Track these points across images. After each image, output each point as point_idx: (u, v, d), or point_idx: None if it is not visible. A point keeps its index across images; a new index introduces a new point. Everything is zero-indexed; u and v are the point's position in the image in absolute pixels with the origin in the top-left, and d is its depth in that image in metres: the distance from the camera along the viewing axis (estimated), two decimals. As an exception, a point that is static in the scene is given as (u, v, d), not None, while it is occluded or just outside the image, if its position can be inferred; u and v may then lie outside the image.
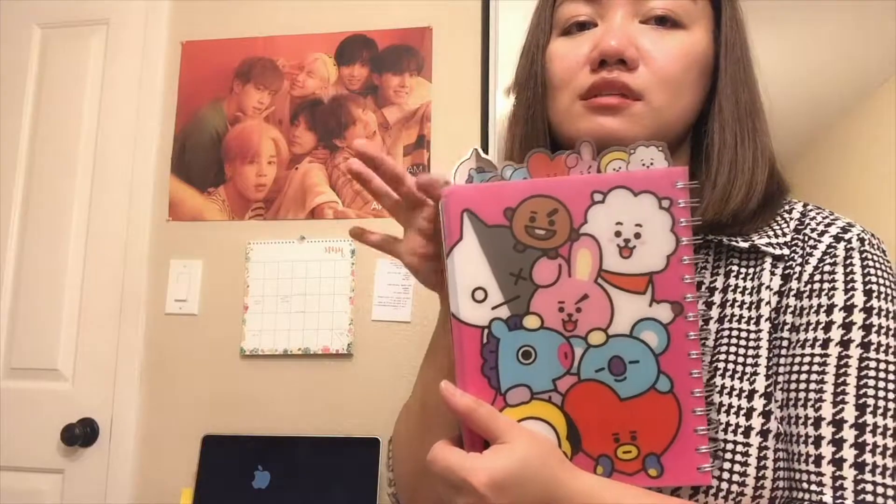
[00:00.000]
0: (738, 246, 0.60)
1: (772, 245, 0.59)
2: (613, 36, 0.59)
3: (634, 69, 0.59)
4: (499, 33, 1.62)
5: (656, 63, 0.59)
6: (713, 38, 0.63)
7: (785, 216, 0.62)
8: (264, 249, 1.61)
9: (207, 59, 1.72)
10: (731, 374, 0.56)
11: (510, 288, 0.52)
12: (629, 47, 0.59)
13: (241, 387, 1.56)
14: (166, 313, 1.62)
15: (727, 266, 0.60)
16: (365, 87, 1.65)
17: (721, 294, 0.59)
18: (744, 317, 0.58)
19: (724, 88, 0.62)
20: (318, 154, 1.64)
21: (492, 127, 1.59)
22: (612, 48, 0.58)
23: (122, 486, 1.55)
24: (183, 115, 1.71)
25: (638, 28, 0.60)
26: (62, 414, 1.57)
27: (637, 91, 0.59)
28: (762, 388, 0.55)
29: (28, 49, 1.76)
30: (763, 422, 0.54)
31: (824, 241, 0.58)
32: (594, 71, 0.60)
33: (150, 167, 1.68)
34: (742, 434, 0.54)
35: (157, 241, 1.66)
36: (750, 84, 0.64)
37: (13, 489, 1.57)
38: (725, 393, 0.55)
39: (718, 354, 0.57)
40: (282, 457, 1.49)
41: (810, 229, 0.60)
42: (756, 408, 0.54)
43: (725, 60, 0.62)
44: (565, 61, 0.62)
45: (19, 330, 1.65)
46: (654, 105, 0.59)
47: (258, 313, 1.58)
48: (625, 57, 0.58)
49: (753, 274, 0.59)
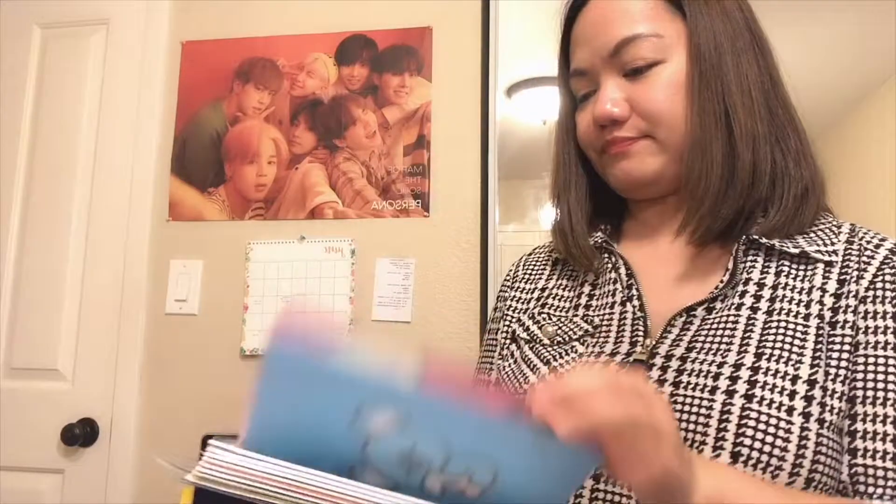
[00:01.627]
0: (788, 251, 0.65)
1: (820, 252, 0.65)
2: (600, 103, 0.68)
3: (626, 121, 0.68)
4: (499, 33, 1.62)
5: (644, 109, 0.67)
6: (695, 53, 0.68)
7: (834, 230, 0.67)
8: (264, 249, 1.61)
9: (207, 59, 1.72)
10: (777, 359, 0.59)
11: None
12: (615, 107, 0.68)
13: (241, 387, 1.56)
14: (166, 313, 1.62)
15: (778, 267, 0.65)
16: (365, 87, 1.65)
17: (771, 290, 0.64)
18: (792, 311, 0.62)
19: (702, 104, 0.66)
20: (318, 154, 1.64)
21: (492, 127, 1.59)
22: (601, 114, 0.68)
23: (122, 486, 1.55)
24: (183, 115, 1.71)
25: (623, 83, 0.68)
26: (62, 414, 1.57)
27: (638, 135, 0.68)
28: (805, 376, 0.58)
29: (28, 49, 1.76)
30: (805, 405, 0.57)
31: (881, 253, 0.64)
32: (600, 132, 0.70)
33: (150, 167, 1.68)
34: (785, 412, 0.56)
35: (157, 241, 1.66)
36: (724, 89, 0.66)
37: (13, 489, 1.57)
38: (770, 374, 0.58)
39: (765, 341, 0.61)
40: (282, 457, 1.49)
41: (866, 241, 0.65)
42: (798, 391, 0.57)
43: (698, 76, 0.66)
44: (582, 129, 0.73)
45: (19, 330, 1.65)
46: (658, 139, 0.68)
47: (258, 313, 1.58)
48: (614, 117, 0.68)
49: (804, 277, 0.64)
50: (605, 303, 0.70)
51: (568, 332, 0.70)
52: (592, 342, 0.68)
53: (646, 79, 0.67)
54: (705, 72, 0.66)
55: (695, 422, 0.58)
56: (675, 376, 0.61)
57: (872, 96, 3.27)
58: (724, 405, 0.57)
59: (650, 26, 0.67)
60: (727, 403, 0.57)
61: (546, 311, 0.74)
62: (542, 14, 0.84)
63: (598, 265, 0.72)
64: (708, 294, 0.64)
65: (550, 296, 0.76)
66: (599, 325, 0.69)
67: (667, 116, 0.67)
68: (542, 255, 0.82)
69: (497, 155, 1.59)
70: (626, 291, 0.69)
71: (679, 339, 0.63)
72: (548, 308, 0.75)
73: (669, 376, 0.61)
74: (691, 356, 0.62)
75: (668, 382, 0.61)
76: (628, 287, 0.69)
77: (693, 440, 0.57)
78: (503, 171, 1.67)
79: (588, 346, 0.68)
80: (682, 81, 0.67)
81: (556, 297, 0.76)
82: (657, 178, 0.69)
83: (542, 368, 0.69)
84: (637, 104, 0.68)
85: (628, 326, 0.67)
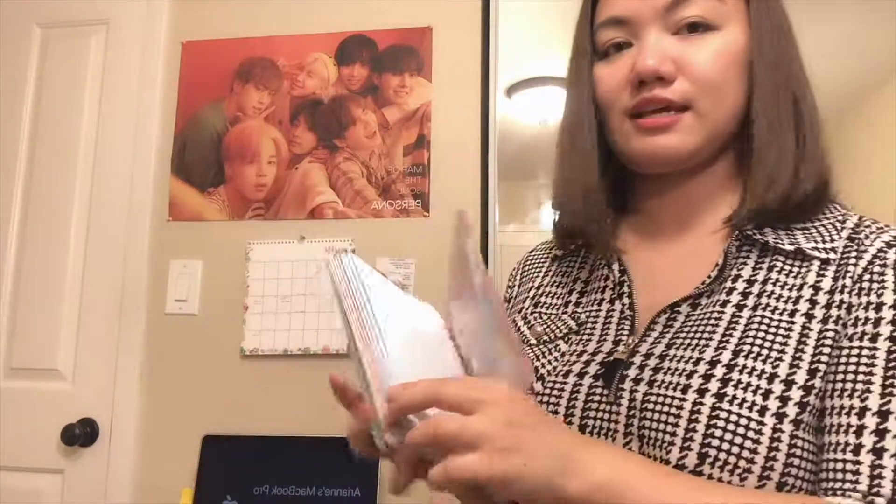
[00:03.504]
0: (783, 248, 0.62)
1: (818, 249, 0.61)
2: (648, 55, 0.61)
3: (672, 82, 0.61)
4: (499, 33, 1.62)
5: (694, 71, 0.61)
6: (749, 32, 0.64)
7: (837, 225, 0.63)
8: (264, 249, 1.61)
9: (207, 59, 1.72)
10: (755, 357, 0.56)
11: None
12: (663, 63, 0.61)
13: (241, 387, 1.56)
14: (166, 313, 1.62)
15: (771, 262, 0.62)
16: (365, 87, 1.65)
17: (760, 285, 0.61)
18: (778, 308, 0.59)
19: (761, 83, 0.63)
20: (318, 154, 1.64)
21: (492, 127, 1.59)
22: (647, 68, 0.61)
23: (122, 486, 1.55)
24: (183, 115, 1.71)
25: (671, 41, 0.62)
26: (62, 414, 1.57)
27: (680, 103, 0.61)
28: (784, 375, 0.55)
29: (28, 49, 1.76)
30: (780, 405, 0.54)
31: (875, 246, 0.60)
32: (635, 90, 0.63)
33: (150, 167, 1.68)
34: (757, 412, 0.54)
35: (157, 241, 1.66)
36: (790, 73, 0.64)
37: (13, 489, 1.57)
38: (746, 372, 0.56)
39: (745, 338, 0.58)
40: (282, 457, 1.49)
41: (864, 236, 0.61)
42: (774, 391, 0.55)
43: (759, 55, 0.63)
44: (607, 84, 0.65)
45: (19, 330, 1.65)
46: (700, 112, 0.62)
47: (258, 313, 1.58)
48: (661, 73, 0.61)
49: (798, 273, 0.61)
50: (593, 299, 0.68)
51: (554, 331, 0.68)
52: (576, 340, 0.66)
53: (699, 41, 0.62)
54: (769, 51, 0.63)
55: (665, 421, 0.55)
56: (650, 375, 0.59)
57: (872, 96, 3.26)
58: (694, 404, 0.55)
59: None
60: (697, 402, 0.55)
61: (538, 311, 0.72)
62: (542, 14, 0.83)
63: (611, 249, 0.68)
64: (693, 290, 0.62)
65: (543, 294, 0.74)
66: (585, 323, 0.67)
67: (717, 85, 0.61)
68: (543, 253, 0.80)
69: (497, 155, 1.59)
70: (617, 288, 0.66)
71: (661, 336, 0.61)
72: (540, 307, 0.73)
73: (645, 375, 0.59)
74: (670, 353, 0.59)
75: (644, 381, 0.58)
76: (619, 283, 0.66)
77: (662, 440, 0.55)
78: (503, 171, 1.67)
79: (571, 344, 0.65)
80: (739, 56, 0.63)
81: (548, 294, 0.73)
82: (690, 157, 0.64)
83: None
84: (687, 66, 0.61)
85: (614, 324, 0.65)
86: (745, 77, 0.64)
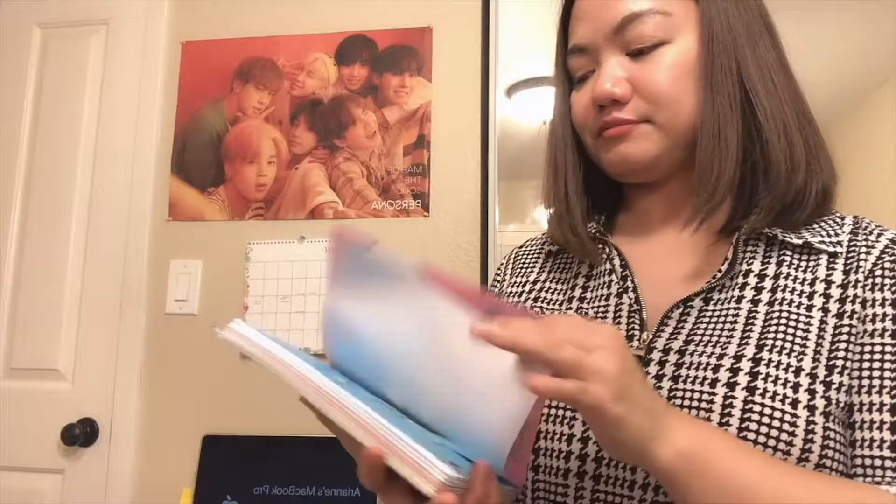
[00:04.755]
0: (791, 242, 0.63)
1: (824, 243, 0.63)
2: (603, 80, 0.65)
3: (627, 102, 0.65)
4: (499, 33, 1.62)
5: (647, 89, 0.64)
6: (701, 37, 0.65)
7: (838, 221, 0.66)
8: (264, 249, 1.61)
9: (207, 59, 1.72)
10: (780, 350, 0.58)
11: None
12: (616, 87, 0.64)
13: (241, 387, 1.56)
14: (166, 313, 1.62)
15: (779, 256, 0.64)
16: (365, 87, 1.65)
17: (772, 280, 0.62)
18: (795, 302, 0.61)
19: (716, 87, 0.64)
20: (318, 154, 1.64)
21: (492, 127, 1.59)
22: (602, 93, 0.65)
23: (122, 486, 1.55)
24: (183, 115, 1.71)
25: (626, 62, 0.65)
26: (62, 414, 1.57)
27: (638, 120, 0.65)
28: (808, 368, 0.57)
29: (28, 49, 1.77)
30: (809, 398, 0.56)
31: (882, 241, 0.62)
32: (598, 114, 0.67)
33: (150, 167, 1.68)
34: (790, 405, 0.55)
35: (157, 241, 1.66)
36: (748, 72, 0.64)
37: (13, 489, 1.57)
38: (773, 365, 0.57)
39: (767, 332, 0.59)
40: (282, 457, 1.49)
41: (868, 231, 0.64)
42: (802, 384, 0.56)
43: (709, 60, 0.64)
44: (576, 110, 0.70)
45: (19, 330, 1.65)
46: (659, 123, 0.65)
47: (258, 313, 1.58)
48: (615, 97, 0.64)
49: (807, 268, 0.63)
50: (599, 294, 0.69)
51: None
52: None
53: (650, 59, 0.64)
54: (719, 54, 0.63)
55: (696, 416, 0.56)
56: (673, 370, 0.59)
57: (872, 96, 3.27)
58: (725, 398, 0.56)
59: (658, 2, 0.64)
60: (729, 396, 0.56)
61: (538, 305, 0.73)
62: (542, 14, 0.84)
63: (596, 254, 0.70)
64: (705, 284, 0.63)
65: (543, 289, 0.75)
66: (594, 318, 0.67)
67: (671, 99, 0.64)
68: (535, 248, 0.80)
69: (497, 155, 1.59)
70: (622, 283, 0.67)
71: (677, 331, 0.62)
72: (540, 301, 0.73)
73: (668, 371, 0.59)
74: (689, 349, 0.60)
75: (667, 377, 0.59)
76: (623, 279, 0.67)
77: None
78: (503, 171, 1.67)
79: None
80: (691, 64, 0.64)
81: (548, 290, 0.74)
82: (655, 163, 0.66)
83: None
84: (640, 85, 0.64)
85: (624, 319, 0.65)
86: (704, 82, 0.65)
